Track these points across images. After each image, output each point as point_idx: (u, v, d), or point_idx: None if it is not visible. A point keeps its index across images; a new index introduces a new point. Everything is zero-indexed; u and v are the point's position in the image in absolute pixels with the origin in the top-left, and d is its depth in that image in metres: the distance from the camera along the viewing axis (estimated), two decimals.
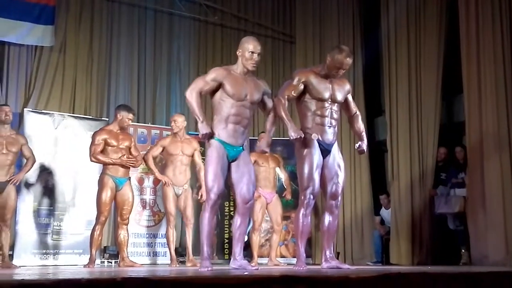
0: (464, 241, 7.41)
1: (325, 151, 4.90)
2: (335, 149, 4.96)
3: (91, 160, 6.65)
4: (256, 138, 8.01)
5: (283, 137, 9.54)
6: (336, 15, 9.49)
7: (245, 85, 4.61)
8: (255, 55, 4.61)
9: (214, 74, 4.58)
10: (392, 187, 8.36)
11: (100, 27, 8.93)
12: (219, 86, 4.57)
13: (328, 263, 4.84)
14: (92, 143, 6.61)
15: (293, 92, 4.85)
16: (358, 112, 5.22)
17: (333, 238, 5.10)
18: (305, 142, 4.86)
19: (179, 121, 7.11)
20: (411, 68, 8.27)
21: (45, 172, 7.59)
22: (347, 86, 5.10)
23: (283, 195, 7.58)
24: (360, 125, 5.17)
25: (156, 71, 9.40)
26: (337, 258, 5.57)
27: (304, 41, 9.76)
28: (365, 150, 5.15)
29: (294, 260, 8.70)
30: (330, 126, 4.93)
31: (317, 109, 4.92)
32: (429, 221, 7.90)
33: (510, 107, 6.81)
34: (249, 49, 4.61)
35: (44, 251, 7.49)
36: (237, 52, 4.68)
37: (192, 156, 7.09)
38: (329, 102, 4.93)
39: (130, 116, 6.79)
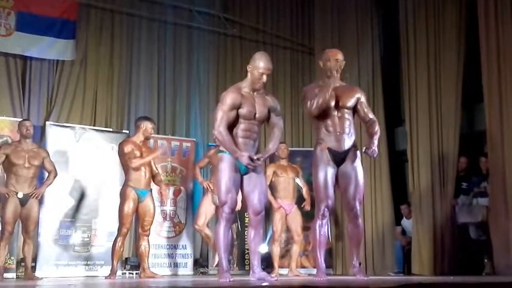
0: (487, 251, 7.33)
1: (339, 159, 4.89)
2: (350, 156, 4.93)
3: (135, 166, 6.66)
4: None
5: (303, 148, 9.56)
6: (354, 26, 9.48)
7: (255, 104, 4.63)
8: (264, 77, 4.62)
9: (229, 100, 4.56)
10: (413, 197, 8.29)
11: (120, 41, 9.02)
12: (237, 109, 4.58)
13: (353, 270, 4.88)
14: (124, 154, 6.65)
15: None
16: (374, 118, 5.13)
17: (356, 247, 5.07)
18: (317, 154, 4.89)
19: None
20: (431, 77, 8.23)
21: (67, 184, 7.65)
22: (357, 93, 5.08)
23: (302, 206, 7.57)
24: (373, 129, 5.05)
25: (176, 83, 9.46)
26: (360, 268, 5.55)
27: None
28: (374, 151, 4.95)
29: (314, 271, 8.69)
30: (340, 133, 4.93)
31: (325, 119, 4.94)
32: (451, 231, 7.82)
33: None
34: (260, 69, 4.62)
35: (66, 262, 7.54)
36: (248, 68, 4.69)
37: None
38: (336, 110, 4.95)
39: (152, 125, 6.90)
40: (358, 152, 5.05)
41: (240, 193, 4.70)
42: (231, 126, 4.58)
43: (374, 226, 8.86)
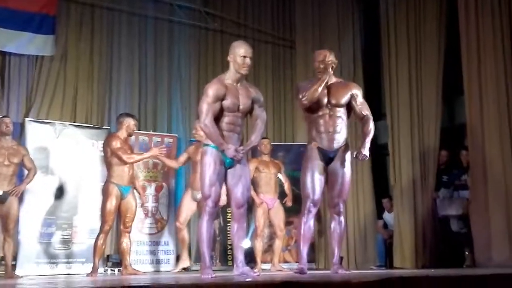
0: (468, 243, 7.39)
1: (329, 158, 4.90)
2: (340, 155, 4.93)
3: (128, 163, 6.61)
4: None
5: (285, 142, 9.56)
6: (335, 19, 9.49)
7: (238, 96, 4.61)
8: (247, 59, 4.61)
9: (213, 92, 4.54)
10: (395, 190, 8.34)
11: (100, 36, 8.94)
12: (221, 101, 4.56)
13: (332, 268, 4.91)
14: (116, 149, 6.54)
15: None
16: (368, 116, 5.08)
17: (337, 244, 5.07)
18: (308, 152, 4.93)
19: (199, 129, 7.18)
20: (412, 71, 8.27)
21: (47, 182, 7.57)
22: (352, 90, 5.05)
23: (284, 201, 7.58)
24: (366, 128, 5.03)
25: (157, 78, 9.40)
26: (341, 263, 5.57)
27: (304, 46, 9.77)
28: (365, 155, 4.99)
29: (297, 265, 8.71)
30: (330, 133, 4.91)
31: (317, 118, 4.93)
32: (432, 224, 7.88)
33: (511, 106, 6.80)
34: (241, 53, 4.61)
35: (47, 260, 7.46)
36: (228, 58, 4.67)
37: None
38: (328, 108, 4.93)
39: (135, 121, 6.84)
40: (349, 152, 5.02)
41: (224, 187, 4.68)
42: (215, 119, 4.55)
43: (356, 220, 8.90)
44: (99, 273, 6.81)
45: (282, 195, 7.69)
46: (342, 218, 5.00)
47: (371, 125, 5.04)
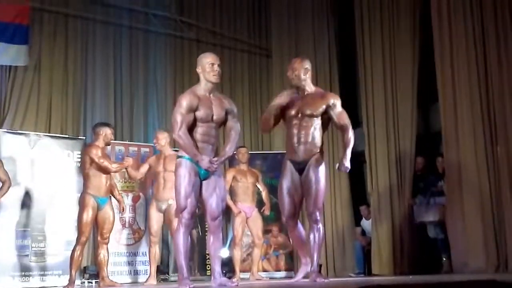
0: (445, 250, 7.44)
1: (300, 169, 4.92)
2: (312, 165, 4.92)
3: (114, 172, 6.64)
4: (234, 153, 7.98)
5: (262, 151, 9.56)
6: (311, 28, 9.53)
7: (211, 107, 4.59)
8: (216, 66, 4.61)
9: (185, 102, 4.51)
10: (372, 197, 8.38)
11: (74, 46, 8.87)
12: (194, 112, 4.54)
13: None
14: (99, 157, 6.43)
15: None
16: (346, 125, 4.99)
17: (316, 251, 5.03)
18: (283, 164, 5.04)
19: (160, 138, 7.11)
20: (387, 78, 8.33)
21: (22, 193, 7.47)
22: (328, 100, 4.98)
23: (262, 210, 7.56)
24: (346, 138, 4.98)
25: (133, 88, 9.35)
26: (320, 271, 5.56)
27: (281, 54, 9.79)
28: (346, 168, 4.93)
29: (276, 274, 8.71)
30: (299, 143, 4.92)
31: (289, 128, 4.99)
32: (409, 231, 7.92)
33: (485, 113, 6.87)
34: (208, 61, 4.62)
35: (23, 273, 7.34)
36: (197, 70, 4.66)
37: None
38: (299, 118, 4.93)
39: (111, 130, 6.76)
40: (322, 161, 5.00)
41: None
42: (189, 130, 4.53)
43: (334, 227, 8.91)
44: (76, 285, 6.72)
45: (260, 203, 7.68)
46: (319, 226, 4.97)
47: (350, 135, 4.98)
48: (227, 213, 8.45)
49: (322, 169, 4.93)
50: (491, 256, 6.63)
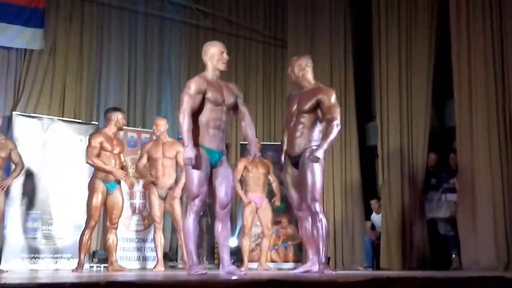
0: (455, 246, 7.40)
1: (294, 162, 5.08)
2: (304, 159, 4.97)
3: (87, 162, 6.52)
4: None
5: (274, 142, 9.54)
6: (327, 20, 9.49)
7: (222, 91, 4.60)
8: (225, 54, 4.63)
9: (195, 85, 4.50)
10: (383, 192, 8.34)
11: (90, 31, 8.88)
12: (203, 95, 4.53)
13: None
14: (89, 145, 6.49)
15: None
16: (331, 118, 4.93)
17: (322, 243, 5.02)
18: (284, 160, 5.26)
19: (160, 125, 7.08)
20: (402, 73, 8.28)
21: (34, 176, 7.51)
22: (318, 95, 5.00)
23: (272, 201, 7.55)
24: (327, 130, 4.98)
25: (147, 74, 9.35)
26: (328, 263, 5.56)
27: (296, 45, 9.74)
28: (315, 156, 4.87)
29: (285, 265, 8.72)
30: (292, 138, 5.07)
31: (287, 124, 5.19)
32: (419, 226, 7.89)
33: (501, 112, 6.80)
34: (218, 50, 4.63)
35: (33, 255, 7.42)
36: (204, 58, 4.64)
37: (176, 158, 6.99)
38: (296, 114, 5.07)
39: (123, 115, 6.76)
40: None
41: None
42: (197, 113, 4.51)
43: (344, 221, 8.89)
44: (85, 269, 6.76)
45: (270, 194, 7.67)
46: (320, 217, 4.94)
47: (333, 128, 4.92)
48: (237, 203, 8.46)
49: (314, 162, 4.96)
50: (501, 253, 6.58)
